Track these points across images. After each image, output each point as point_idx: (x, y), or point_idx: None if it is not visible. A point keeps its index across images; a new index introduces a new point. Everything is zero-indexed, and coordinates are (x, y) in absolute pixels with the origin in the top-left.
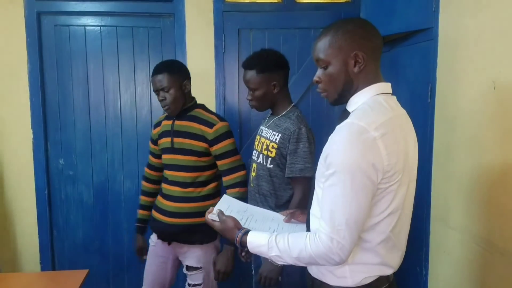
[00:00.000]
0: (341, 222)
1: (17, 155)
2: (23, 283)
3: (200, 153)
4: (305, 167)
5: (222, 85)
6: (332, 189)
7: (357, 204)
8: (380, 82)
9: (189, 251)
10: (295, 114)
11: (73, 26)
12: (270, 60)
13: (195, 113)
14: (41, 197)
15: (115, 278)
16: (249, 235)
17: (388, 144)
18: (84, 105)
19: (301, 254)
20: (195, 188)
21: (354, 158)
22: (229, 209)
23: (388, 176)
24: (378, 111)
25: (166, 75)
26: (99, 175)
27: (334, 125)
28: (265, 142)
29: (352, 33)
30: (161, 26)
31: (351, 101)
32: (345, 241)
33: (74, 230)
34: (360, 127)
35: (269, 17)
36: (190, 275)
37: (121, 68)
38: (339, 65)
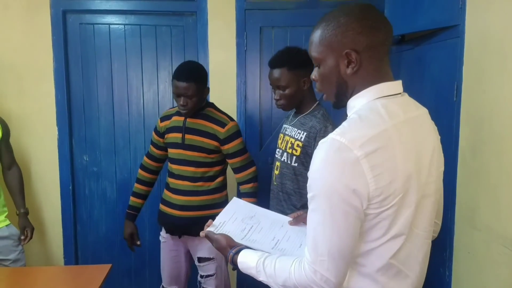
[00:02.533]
0: (323, 252)
1: (42, 151)
2: (48, 277)
3: (210, 150)
4: None
5: (243, 83)
6: (313, 215)
7: (338, 232)
8: (383, 82)
9: (201, 243)
10: (320, 112)
11: (98, 25)
12: (300, 56)
13: (207, 112)
14: (65, 193)
15: (137, 273)
16: (240, 255)
17: (376, 163)
18: (108, 102)
19: (286, 282)
20: (204, 182)
21: (331, 182)
22: (234, 216)
23: (378, 201)
24: (369, 122)
25: (193, 85)
26: (122, 172)
27: None
28: (290, 141)
29: (345, 27)
30: (183, 24)
31: (348, 104)
32: (329, 273)
33: (97, 225)
34: (340, 145)
35: (291, 15)
36: (202, 267)
37: (144, 66)
38: (330, 65)
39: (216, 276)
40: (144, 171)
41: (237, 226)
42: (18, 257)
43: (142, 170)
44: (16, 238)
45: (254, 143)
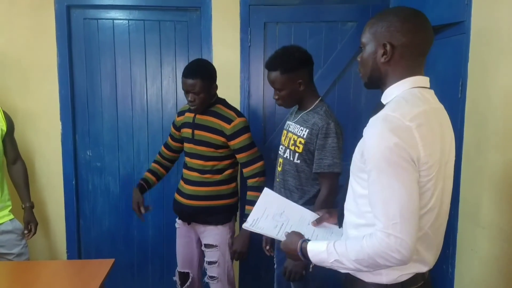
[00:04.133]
0: (395, 215)
1: (46, 146)
2: (51, 271)
3: (217, 145)
4: (333, 162)
5: (247, 79)
6: (377, 184)
7: (407, 192)
8: (417, 76)
9: (206, 230)
10: (323, 109)
11: (102, 20)
12: (293, 58)
13: (216, 109)
14: (68, 188)
15: (140, 267)
16: (309, 243)
17: (423, 135)
18: (111, 97)
19: (359, 255)
20: (213, 175)
21: (392, 148)
22: (265, 213)
23: (426, 169)
24: (413, 103)
25: (199, 81)
26: (125, 167)
27: (360, 118)
28: (293, 137)
29: (390, 23)
30: (187, 20)
31: (386, 93)
32: (404, 235)
33: (100, 220)
34: (394, 118)
35: (295, 11)
36: (207, 252)
37: (148, 61)
38: (370, 50)
39: (219, 265)
40: (160, 156)
41: (269, 223)
42: (22, 251)
43: (158, 155)
44: (20, 233)
45: (258, 139)
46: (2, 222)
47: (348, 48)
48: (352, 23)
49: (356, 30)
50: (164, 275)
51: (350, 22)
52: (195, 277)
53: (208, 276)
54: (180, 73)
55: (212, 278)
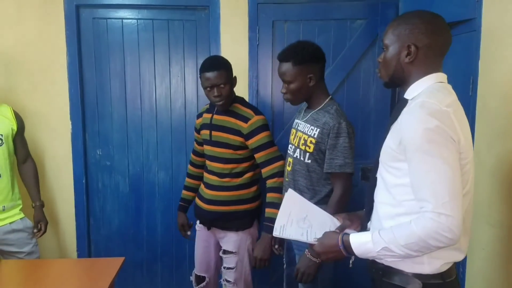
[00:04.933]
0: (444, 194)
1: (56, 146)
2: (62, 270)
3: (236, 146)
4: (345, 162)
5: (255, 78)
6: (422, 166)
7: (452, 170)
8: (438, 73)
9: (226, 236)
10: (333, 107)
11: (111, 19)
12: (307, 52)
13: (233, 108)
14: (78, 186)
15: (149, 266)
16: (351, 236)
17: (459, 120)
18: (121, 97)
19: (409, 239)
20: (232, 178)
21: (433, 129)
22: (290, 218)
23: (464, 151)
24: (443, 93)
25: (224, 72)
26: (134, 166)
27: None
28: (303, 137)
29: (413, 25)
30: (196, 19)
31: (410, 89)
32: (454, 212)
33: (110, 219)
34: (431, 104)
35: (304, 9)
36: (225, 258)
37: (157, 60)
38: (394, 51)
39: (236, 270)
40: (192, 166)
41: (296, 231)
42: (32, 249)
43: (190, 165)
44: (30, 231)
45: None
46: (12, 221)
47: (357, 46)
48: (361, 20)
49: (365, 27)
50: (173, 273)
51: (359, 19)
52: (211, 280)
53: (224, 279)
54: (190, 71)
55: (228, 281)
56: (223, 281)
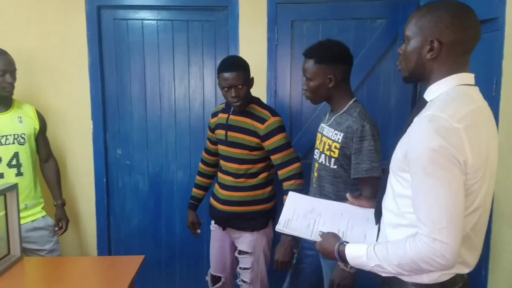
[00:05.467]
0: (441, 219)
1: (78, 145)
2: (83, 267)
3: (252, 147)
4: (371, 166)
5: (273, 78)
6: (422, 187)
7: (453, 196)
8: (462, 73)
9: (241, 236)
10: (356, 110)
11: (131, 20)
12: (330, 52)
13: (249, 109)
14: (99, 185)
15: (168, 264)
16: (347, 246)
17: (471, 136)
18: (140, 97)
19: (402, 260)
20: (247, 179)
21: (437, 150)
22: (295, 214)
23: (472, 172)
24: (460, 101)
25: (242, 72)
26: (154, 165)
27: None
28: (327, 142)
29: (438, 18)
30: (215, 19)
31: (429, 90)
32: (449, 239)
33: (129, 218)
34: (441, 119)
35: (323, 8)
36: (241, 259)
37: (176, 61)
38: (415, 45)
39: (252, 270)
40: (203, 164)
41: (302, 222)
42: (54, 247)
43: (201, 163)
44: (51, 229)
45: None
46: (34, 219)
47: (377, 45)
48: (382, 20)
49: (386, 27)
50: (191, 272)
51: (380, 19)
52: (227, 280)
53: (240, 279)
54: (208, 71)
55: (244, 282)
56: (239, 282)
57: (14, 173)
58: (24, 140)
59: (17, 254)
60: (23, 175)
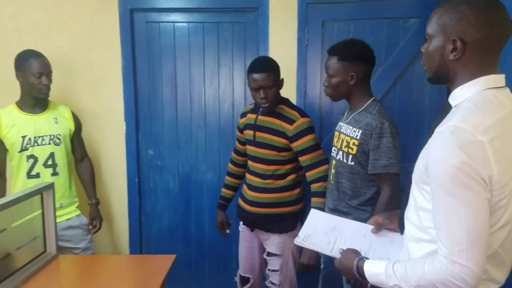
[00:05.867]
0: (462, 241)
1: (111, 146)
2: (116, 265)
3: (280, 148)
4: (389, 163)
5: (303, 79)
6: (442, 205)
7: (475, 216)
8: (490, 75)
9: (270, 238)
10: (375, 108)
11: (163, 23)
12: (354, 50)
13: (278, 109)
14: (132, 185)
15: (197, 264)
16: (366, 263)
17: (497, 149)
18: (172, 98)
19: (420, 281)
20: (274, 180)
21: (457, 165)
22: (316, 231)
23: (499, 187)
24: (487, 109)
25: (272, 74)
26: (184, 166)
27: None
28: (345, 139)
29: (462, 15)
30: (245, 21)
31: (454, 94)
32: (470, 262)
33: (160, 217)
34: (463, 131)
35: (355, 8)
36: (270, 261)
37: (206, 63)
38: (437, 45)
39: (281, 272)
40: (232, 165)
41: (322, 239)
42: (88, 246)
43: (230, 163)
44: (86, 228)
45: None
46: (69, 218)
47: (410, 45)
48: (415, 19)
49: (420, 26)
50: (220, 272)
51: (413, 18)
52: (256, 282)
53: (269, 281)
54: (238, 73)
55: (273, 284)
56: (268, 283)
57: (50, 173)
58: (59, 140)
59: (53, 252)
60: (59, 174)
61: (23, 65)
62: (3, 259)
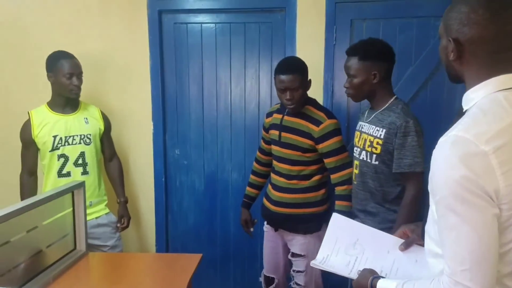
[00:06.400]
0: (464, 260)
1: (139, 145)
2: (144, 263)
3: (305, 149)
4: (414, 161)
5: (330, 79)
6: (444, 221)
7: (478, 235)
8: (503, 75)
9: (294, 238)
10: (399, 106)
11: (191, 24)
12: (374, 48)
13: (305, 110)
14: (158, 184)
15: (222, 264)
16: (380, 281)
17: (504, 159)
18: (198, 98)
19: None
20: (299, 181)
21: (458, 179)
22: (337, 247)
23: (507, 201)
24: (494, 115)
25: (299, 76)
26: (209, 165)
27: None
28: (368, 138)
29: (457, 14)
30: (272, 21)
31: (465, 97)
32: (474, 283)
33: (186, 216)
34: (466, 141)
35: (384, 6)
36: (294, 261)
37: (233, 63)
38: (442, 44)
39: (306, 273)
40: (257, 163)
41: (341, 259)
42: (116, 243)
43: (255, 162)
44: (114, 226)
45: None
46: (98, 216)
47: None
48: None
49: None
50: (245, 272)
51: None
52: (280, 282)
53: (294, 282)
54: (264, 73)
55: (298, 285)
56: (293, 284)
57: (80, 171)
58: (89, 140)
59: (83, 249)
60: (89, 173)
61: (54, 66)
62: (35, 256)
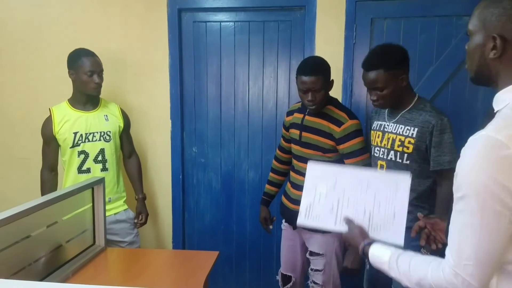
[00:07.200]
0: (469, 256)
1: (157, 143)
2: (161, 260)
3: (326, 149)
4: (453, 158)
5: (350, 78)
6: (460, 216)
7: (489, 236)
8: None
9: (312, 237)
10: (427, 105)
11: (210, 22)
12: (395, 54)
13: (326, 110)
14: (176, 182)
15: (238, 261)
16: (372, 248)
17: None
18: (216, 97)
19: (421, 281)
20: None
21: (484, 180)
22: (317, 193)
23: None
24: None
25: (321, 77)
26: (226, 164)
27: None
28: (398, 138)
29: (503, 10)
30: (291, 19)
31: (497, 98)
32: (473, 278)
33: (202, 214)
34: (496, 142)
35: (405, 5)
36: (312, 260)
37: (251, 62)
38: (477, 42)
39: (324, 272)
40: (276, 161)
41: (324, 206)
42: (134, 239)
43: (274, 160)
44: (132, 222)
45: None
46: (117, 212)
47: (463, 44)
48: (468, 17)
49: None
50: (261, 270)
51: (466, 16)
52: (298, 281)
53: (312, 280)
54: (282, 72)
55: (315, 283)
56: (310, 283)
57: (100, 168)
58: (109, 137)
59: (102, 245)
60: (108, 170)
61: (75, 64)
62: (54, 251)
